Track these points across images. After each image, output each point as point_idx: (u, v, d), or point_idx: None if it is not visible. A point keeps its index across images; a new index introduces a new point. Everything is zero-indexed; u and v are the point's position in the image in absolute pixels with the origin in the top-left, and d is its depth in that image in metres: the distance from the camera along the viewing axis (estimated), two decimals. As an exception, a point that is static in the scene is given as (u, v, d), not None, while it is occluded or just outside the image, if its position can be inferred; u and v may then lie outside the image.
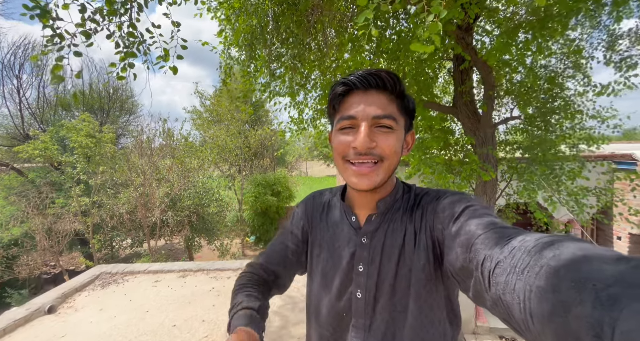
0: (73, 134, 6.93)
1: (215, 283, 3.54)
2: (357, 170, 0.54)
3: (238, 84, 2.98)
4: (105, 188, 7.57)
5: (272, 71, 2.46)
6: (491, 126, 3.14)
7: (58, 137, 7.87)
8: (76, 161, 7.16)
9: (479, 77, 3.89)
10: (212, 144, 9.90)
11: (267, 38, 2.20)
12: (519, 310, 0.31)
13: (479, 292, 0.40)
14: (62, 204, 7.15)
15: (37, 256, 6.68)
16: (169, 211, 7.69)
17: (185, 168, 8.37)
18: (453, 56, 3.36)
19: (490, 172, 2.81)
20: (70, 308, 3.07)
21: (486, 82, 3.09)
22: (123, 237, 8.18)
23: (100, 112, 10.61)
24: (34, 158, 7.08)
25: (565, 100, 3.12)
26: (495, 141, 3.26)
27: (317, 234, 0.68)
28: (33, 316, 2.83)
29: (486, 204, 0.54)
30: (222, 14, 2.33)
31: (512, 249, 0.35)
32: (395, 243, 0.57)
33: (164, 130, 8.37)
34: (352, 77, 0.55)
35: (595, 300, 0.24)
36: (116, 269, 3.88)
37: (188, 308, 3.00)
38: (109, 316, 2.88)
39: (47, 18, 1.11)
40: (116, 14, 1.27)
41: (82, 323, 2.78)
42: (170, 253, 9.54)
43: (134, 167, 7.56)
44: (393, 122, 0.54)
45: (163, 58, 1.44)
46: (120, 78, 1.39)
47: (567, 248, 0.30)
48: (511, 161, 3.54)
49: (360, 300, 0.58)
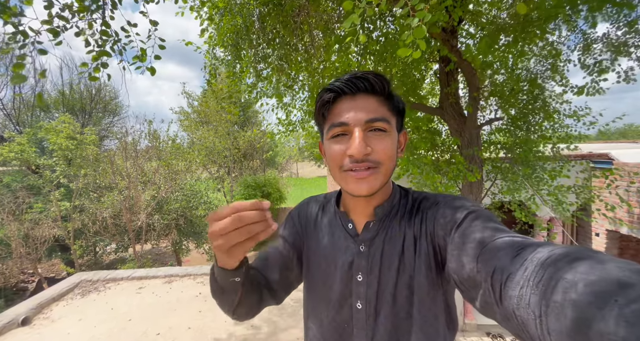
0: (52, 136, 6.65)
1: (202, 288, 3.45)
2: (355, 175, 0.52)
3: (224, 84, 2.92)
4: (88, 191, 7.30)
5: (259, 72, 2.42)
6: (476, 127, 3.20)
7: (36, 139, 7.53)
8: (56, 163, 6.88)
9: (464, 79, 3.98)
10: (200, 146, 9.72)
11: (252, 38, 2.16)
12: (535, 326, 0.30)
13: (488, 304, 0.38)
14: (41, 209, 6.84)
15: (13, 264, 6.36)
16: (156, 214, 7.48)
17: (172, 170, 8.18)
18: (439, 58, 3.41)
19: (476, 173, 2.86)
20: (47, 319, 2.92)
21: (470, 84, 3.15)
22: (107, 242, 7.90)
23: (81, 113, 10.24)
24: (9, 161, 6.75)
25: (544, 101, 3.23)
26: (480, 141, 3.33)
27: (312, 241, 0.65)
28: (5, 329, 2.67)
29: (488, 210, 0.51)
30: (205, 14, 2.28)
31: (524, 261, 0.34)
32: (394, 250, 0.55)
33: (149, 132, 8.15)
34: (338, 83, 0.53)
35: (618, 316, 0.23)
36: (97, 276, 3.73)
37: (173, 315, 2.90)
38: (88, 327, 2.75)
39: (8, 14, 1.04)
40: (88, 10, 1.19)
41: (58, 335, 2.64)
42: (157, 258, 9.28)
43: (119, 170, 7.32)
44: (386, 125, 0.52)
45: (140, 58, 1.37)
46: (93, 79, 1.31)
47: (584, 260, 0.29)
48: (495, 161, 3.63)
49: (360, 311, 0.56)
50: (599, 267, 0.27)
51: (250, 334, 2.60)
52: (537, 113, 3.24)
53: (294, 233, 0.69)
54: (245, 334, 2.60)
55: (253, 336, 2.56)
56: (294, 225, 0.70)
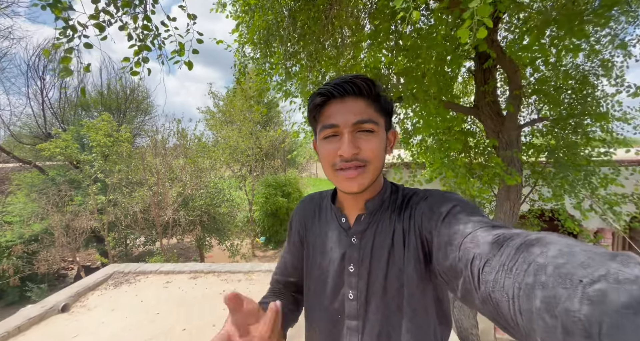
0: (92, 134, 7.11)
1: (226, 286, 3.49)
2: (345, 175, 0.55)
3: (252, 83, 2.93)
4: (121, 186, 7.73)
5: (288, 69, 2.39)
6: (517, 127, 2.96)
7: (78, 136, 8.10)
8: (94, 159, 7.34)
9: (502, 77, 3.71)
10: (225, 145, 9.97)
11: (282, 35, 2.13)
12: (508, 307, 0.31)
13: (468, 291, 0.40)
14: (80, 202, 7.34)
15: (56, 252, 6.87)
16: (181, 210, 7.76)
17: (197, 168, 8.45)
18: (475, 54, 3.20)
19: (516, 176, 2.65)
20: (83, 307, 3.08)
21: (512, 81, 2.92)
22: (137, 235, 8.32)
23: (117, 112, 10.89)
24: (55, 156, 7.30)
25: (596, 101, 2.91)
26: (520, 143, 3.08)
27: (311, 237, 0.69)
28: (47, 314, 2.85)
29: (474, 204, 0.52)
30: (237, 11, 2.28)
31: (500, 247, 0.36)
32: (384, 243, 0.57)
33: (178, 130, 8.48)
34: (328, 87, 0.56)
35: (582, 295, 0.24)
36: (128, 268, 3.90)
37: (198, 312, 2.95)
38: (120, 317, 2.87)
39: (59, 9, 1.06)
40: (131, 5, 1.21)
41: (94, 323, 2.77)
42: (182, 252, 9.65)
43: (149, 167, 7.68)
44: (374, 126, 0.55)
45: (178, 52, 1.38)
46: (134, 73, 1.34)
47: (554, 245, 0.31)
48: (534, 165, 3.35)
49: (352, 301, 0.59)
50: (567, 251, 0.29)
51: (272, 335, 2.57)
52: (587, 114, 2.93)
53: (297, 232, 0.73)
54: (267, 335, 2.57)
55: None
56: (295, 225, 0.74)
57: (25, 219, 7.06)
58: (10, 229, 7.08)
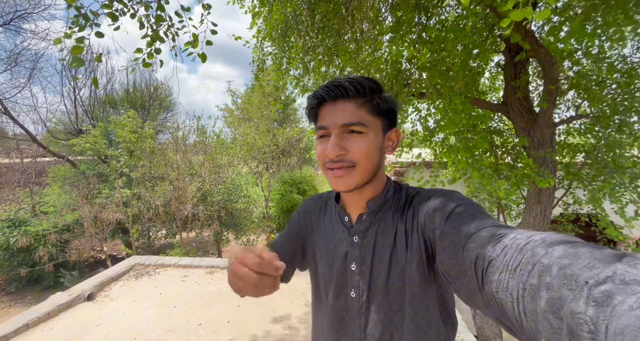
0: (119, 130, 7.44)
1: (240, 282, 3.52)
2: (333, 174, 0.57)
3: (270, 78, 2.90)
4: (144, 181, 8.04)
5: (306, 64, 2.32)
6: (551, 125, 2.73)
7: (105, 132, 8.52)
8: (120, 154, 7.69)
9: (535, 71, 3.44)
10: (242, 142, 10.11)
11: (300, 28, 2.06)
12: (512, 307, 0.31)
13: (471, 292, 0.40)
14: (107, 195, 7.73)
15: (85, 241, 7.29)
16: (200, 205, 7.97)
17: (216, 164, 8.63)
18: (505, 47, 2.99)
19: (548, 178, 2.45)
20: (107, 296, 3.22)
21: (547, 75, 2.69)
22: (158, 228, 8.66)
23: (141, 109, 11.34)
24: (85, 151, 7.71)
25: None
26: (554, 142, 2.85)
27: (316, 235, 0.70)
28: (74, 302, 3.00)
29: (478, 204, 0.51)
30: (255, 4, 2.24)
31: (504, 248, 0.36)
32: (386, 243, 0.58)
33: (197, 127, 8.69)
34: (321, 90, 0.58)
35: (588, 297, 0.24)
36: (149, 261, 4.03)
37: (214, 307, 2.99)
38: (140, 309, 2.97)
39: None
40: (144, -5, 1.21)
41: (115, 313, 2.88)
42: (200, 245, 9.94)
43: (170, 163, 7.94)
44: (362, 127, 0.56)
45: (192, 44, 1.35)
46: (147, 65, 1.33)
47: (559, 246, 0.30)
48: (569, 165, 3.09)
49: (354, 300, 0.59)
50: (572, 252, 0.29)
51: (287, 334, 2.55)
52: (635, 110, 2.65)
53: (299, 227, 0.75)
54: (282, 333, 2.56)
55: (290, 338, 2.50)
56: (299, 219, 0.76)
57: (59, 210, 7.54)
58: (46, 219, 7.59)
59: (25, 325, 2.49)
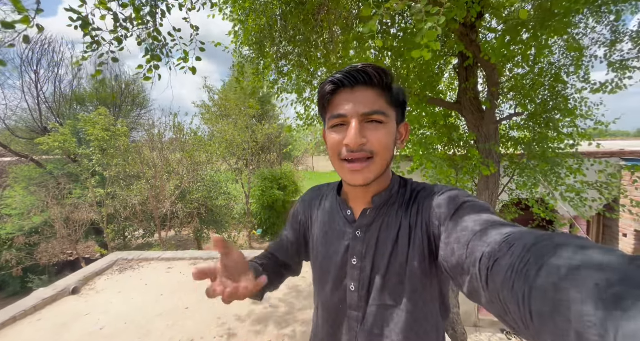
0: (89, 127, 7.19)
1: (224, 270, 3.72)
2: (350, 167, 0.55)
3: (249, 81, 3.11)
4: (119, 179, 7.86)
5: (280, 68, 2.57)
6: (494, 122, 3.19)
7: (74, 130, 8.17)
8: (92, 153, 7.45)
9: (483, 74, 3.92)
10: (220, 139, 10.08)
11: (274, 36, 2.30)
12: (517, 308, 0.31)
13: (475, 289, 0.39)
14: (79, 195, 7.47)
15: (56, 243, 7.03)
16: (179, 203, 7.95)
17: (194, 162, 8.60)
18: (458, 53, 3.40)
19: (491, 167, 2.88)
20: (92, 289, 3.30)
21: (489, 79, 3.13)
22: (135, 227, 8.50)
23: (112, 106, 10.90)
24: (52, 150, 7.37)
25: (565, 97, 3.17)
26: (497, 137, 3.31)
27: (315, 228, 0.70)
28: (59, 295, 3.07)
29: (484, 201, 0.53)
30: (233, 14, 2.44)
31: (510, 246, 0.35)
32: (389, 238, 0.57)
33: (174, 124, 8.58)
34: (338, 75, 0.55)
35: (598, 299, 0.23)
36: (132, 255, 4.11)
37: (199, 292, 3.18)
38: (127, 298, 3.10)
39: (88, 28, 1.26)
40: (143, 21, 1.40)
41: (103, 303, 3.00)
42: (180, 244, 9.86)
43: (146, 160, 7.81)
44: (383, 117, 0.54)
45: (183, 59, 1.57)
46: (147, 79, 1.54)
47: (566, 246, 0.30)
48: (513, 156, 3.60)
49: (353, 293, 0.60)
50: (581, 252, 0.28)
51: (268, 312, 2.83)
52: (557, 109, 3.18)
53: (298, 220, 0.76)
54: (264, 312, 2.83)
55: (271, 314, 2.78)
56: (298, 213, 0.77)
57: (25, 212, 7.19)
58: (10, 222, 7.20)
59: (12, 317, 2.56)
